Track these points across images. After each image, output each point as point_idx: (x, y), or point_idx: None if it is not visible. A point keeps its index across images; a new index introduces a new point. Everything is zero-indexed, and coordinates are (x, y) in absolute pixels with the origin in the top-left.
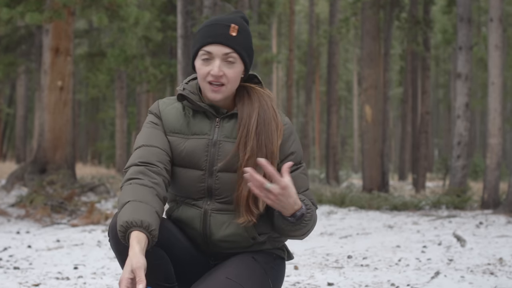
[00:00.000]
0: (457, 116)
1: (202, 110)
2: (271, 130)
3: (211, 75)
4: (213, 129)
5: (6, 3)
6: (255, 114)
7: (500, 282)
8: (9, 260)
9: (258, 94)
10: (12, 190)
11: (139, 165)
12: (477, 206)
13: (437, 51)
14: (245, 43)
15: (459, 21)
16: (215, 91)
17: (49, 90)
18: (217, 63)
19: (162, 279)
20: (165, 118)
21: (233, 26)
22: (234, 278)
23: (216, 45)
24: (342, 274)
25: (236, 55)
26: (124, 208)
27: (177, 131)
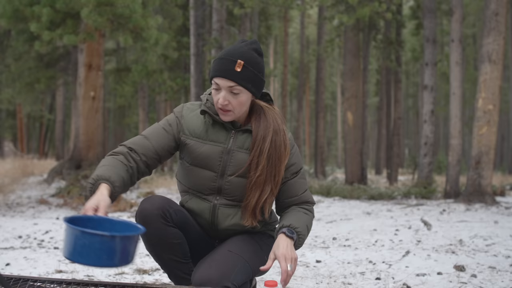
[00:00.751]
0: (424, 121)
1: (221, 121)
2: (281, 152)
3: (219, 103)
4: (229, 139)
5: (48, 27)
6: (269, 137)
7: (460, 259)
8: (50, 241)
9: (272, 115)
10: (53, 183)
11: (127, 147)
12: (441, 196)
13: (407, 67)
14: (250, 75)
15: (426, 42)
16: (224, 115)
17: (83, 99)
18: (222, 94)
19: (181, 256)
20: (187, 122)
21: (239, 62)
22: (234, 250)
23: (222, 78)
24: (328, 253)
25: (241, 87)
26: (99, 168)
27: (196, 135)
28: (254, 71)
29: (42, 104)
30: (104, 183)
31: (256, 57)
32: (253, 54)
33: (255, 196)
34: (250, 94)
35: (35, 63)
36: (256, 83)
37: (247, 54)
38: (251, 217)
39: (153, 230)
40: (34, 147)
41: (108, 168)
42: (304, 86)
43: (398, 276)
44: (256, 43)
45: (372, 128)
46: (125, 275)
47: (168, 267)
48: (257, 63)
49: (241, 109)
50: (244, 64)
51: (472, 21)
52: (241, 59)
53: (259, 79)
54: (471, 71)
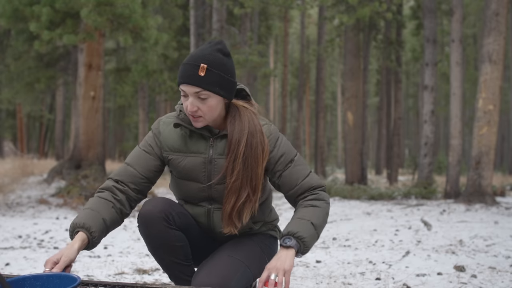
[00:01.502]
0: (424, 121)
1: (198, 131)
2: (257, 154)
3: (188, 110)
4: (208, 148)
5: (47, 27)
6: (244, 140)
7: (460, 259)
8: (50, 241)
9: (248, 115)
10: (52, 183)
11: (113, 180)
12: (441, 196)
13: (407, 67)
14: (216, 78)
15: (426, 42)
16: (195, 121)
17: (83, 99)
18: (190, 100)
19: (183, 258)
20: (164, 138)
21: (202, 65)
22: (235, 255)
23: (186, 85)
24: (328, 253)
25: (207, 92)
26: (80, 212)
27: (176, 150)
28: (220, 73)
29: (42, 104)
30: (80, 231)
31: (221, 58)
32: (217, 55)
33: (230, 202)
34: (219, 97)
35: (35, 63)
36: (223, 85)
37: (210, 57)
38: (229, 224)
39: (155, 233)
40: (34, 147)
41: (87, 213)
42: (304, 86)
43: (398, 277)
44: (221, 43)
45: (372, 128)
46: (125, 275)
47: (169, 269)
48: (223, 64)
49: (212, 114)
50: (208, 68)
51: (473, 21)
52: (204, 62)
53: (226, 80)
54: (471, 71)
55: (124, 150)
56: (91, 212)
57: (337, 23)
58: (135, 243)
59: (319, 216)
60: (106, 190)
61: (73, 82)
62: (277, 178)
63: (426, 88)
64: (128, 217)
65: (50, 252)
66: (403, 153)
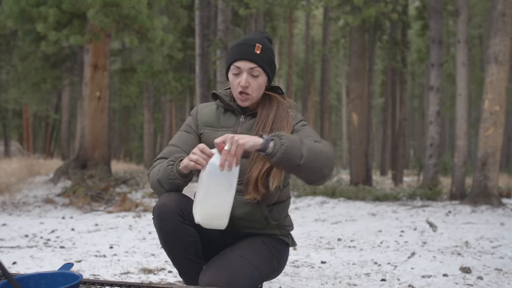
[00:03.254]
0: (430, 122)
1: (231, 109)
2: (283, 126)
3: (240, 86)
4: (238, 124)
5: (54, 27)
6: (272, 114)
7: (466, 261)
8: (56, 240)
9: (278, 100)
10: (58, 182)
11: (163, 158)
12: (446, 198)
13: (412, 68)
14: (267, 59)
15: (432, 43)
16: (243, 100)
17: (89, 99)
18: (244, 76)
19: (193, 255)
20: (200, 115)
21: (258, 45)
22: (245, 256)
23: (243, 61)
24: (333, 254)
25: (260, 69)
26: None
27: (209, 124)
28: (270, 55)
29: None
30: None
31: (269, 44)
32: (266, 41)
33: (258, 167)
34: (266, 78)
35: (42, 63)
36: (271, 66)
37: (262, 40)
38: (254, 190)
39: (169, 227)
40: (40, 146)
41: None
42: (309, 87)
43: (403, 278)
44: (266, 33)
45: (377, 129)
46: (131, 275)
47: (179, 265)
48: (271, 48)
49: (258, 93)
50: (262, 48)
51: (479, 22)
52: (259, 43)
53: (273, 63)
54: (477, 72)
55: (129, 150)
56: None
57: (342, 24)
58: (140, 242)
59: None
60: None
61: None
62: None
63: (431, 89)
64: (134, 217)
65: (57, 251)
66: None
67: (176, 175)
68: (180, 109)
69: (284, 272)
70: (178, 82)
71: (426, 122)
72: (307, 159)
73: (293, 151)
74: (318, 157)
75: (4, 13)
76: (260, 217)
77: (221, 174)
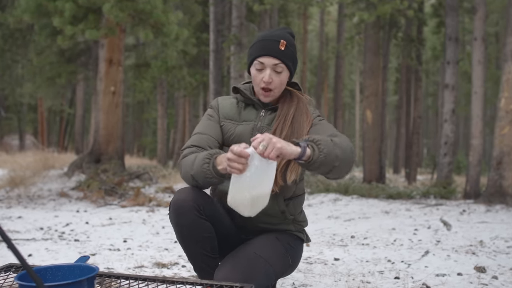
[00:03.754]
0: (445, 120)
1: (252, 103)
2: (302, 121)
3: (263, 82)
4: (259, 118)
5: (70, 22)
6: (293, 109)
7: (480, 260)
8: (71, 234)
9: (298, 97)
10: (73, 176)
11: (191, 147)
12: (460, 197)
13: (427, 65)
14: (291, 55)
15: (448, 40)
16: (265, 96)
17: (104, 94)
18: (267, 72)
19: (209, 250)
20: (221, 107)
21: (282, 41)
22: (261, 253)
23: (267, 57)
24: (346, 251)
25: (284, 65)
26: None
27: (230, 118)
28: (293, 51)
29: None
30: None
31: (293, 39)
32: (290, 36)
33: None
34: (289, 74)
35: (57, 58)
36: (294, 62)
37: (286, 36)
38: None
39: (186, 221)
40: (54, 140)
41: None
42: (323, 84)
43: (417, 276)
44: (289, 28)
45: (390, 127)
46: (144, 269)
47: (195, 260)
48: (294, 45)
49: (280, 89)
50: (287, 44)
51: (495, 19)
52: (283, 39)
53: (296, 59)
54: (493, 70)
55: (143, 145)
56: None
57: (357, 21)
58: (154, 237)
59: (341, 143)
60: (192, 153)
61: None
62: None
63: (446, 87)
64: (147, 212)
65: (71, 244)
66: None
67: (213, 174)
68: (193, 104)
69: (297, 269)
70: (192, 78)
71: (440, 121)
72: (341, 160)
73: (331, 156)
74: (348, 155)
75: (21, 7)
76: (277, 211)
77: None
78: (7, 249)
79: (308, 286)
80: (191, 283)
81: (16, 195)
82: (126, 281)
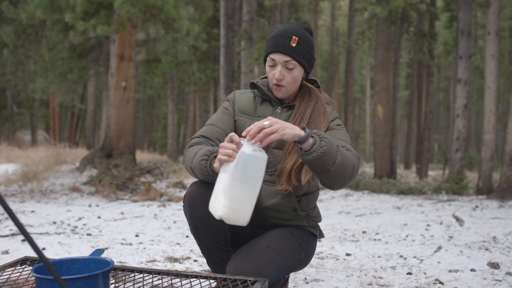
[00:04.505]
0: (457, 115)
1: (268, 99)
2: (320, 121)
3: (275, 78)
4: (274, 114)
5: (82, 17)
6: (310, 108)
7: (494, 256)
8: (83, 228)
9: (317, 95)
10: (84, 171)
11: (200, 137)
12: (473, 192)
13: (438, 60)
14: (304, 51)
15: (460, 34)
16: (277, 90)
17: (115, 89)
18: (278, 68)
19: (223, 243)
20: (237, 101)
21: (294, 38)
22: (273, 247)
23: (278, 54)
24: (358, 247)
25: (295, 62)
26: (197, 153)
27: (245, 112)
28: (307, 47)
29: (74, 94)
30: None
31: (308, 35)
32: (305, 32)
33: (292, 159)
34: (303, 70)
35: (68, 54)
36: (308, 59)
37: (300, 32)
38: (287, 181)
39: (199, 214)
40: (66, 136)
41: (203, 149)
42: (333, 79)
43: (430, 272)
44: (306, 23)
45: (401, 122)
46: (157, 263)
47: (208, 252)
48: (309, 40)
49: (294, 85)
50: (299, 40)
51: (509, 13)
52: (295, 35)
53: (311, 55)
54: (506, 65)
55: (153, 141)
56: (206, 147)
57: (368, 15)
58: (165, 231)
59: (346, 153)
60: (199, 144)
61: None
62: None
63: (459, 82)
64: (158, 206)
65: (84, 238)
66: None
67: (209, 172)
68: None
69: (309, 264)
70: (202, 73)
71: (452, 116)
72: (338, 167)
73: (329, 156)
74: (347, 167)
75: (33, 3)
76: (289, 208)
77: (248, 166)
78: (22, 243)
79: (320, 281)
80: (204, 277)
81: (29, 190)
82: (140, 274)
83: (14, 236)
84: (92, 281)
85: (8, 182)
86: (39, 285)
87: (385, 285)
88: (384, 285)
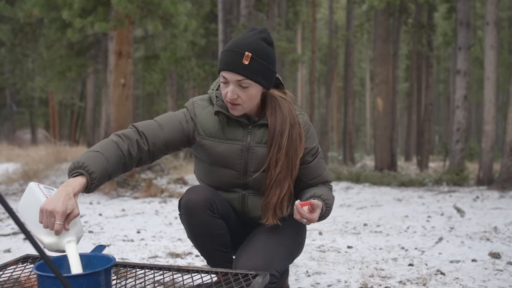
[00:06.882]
0: (457, 107)
1: (236, 118)
2: (297, 146)
3: (228, 98)
4: (246, 136)
5: (79, 14)
6: (287, 132)
7: (495, 246)
8: (84, 225)
9: (287, 106)
10: None
11: (138, 132)
12: (473, 183)
13: (438, 52)
14: (259, 68)
15: (459, 25)
16: (233, 109)
17: (114, 86)
18: (231, 87)
19: (223, 246)
20: (200, 121)
21: (247, 54)
22: (273, 237)
23: (229, 72)
24: (359, 239)
25: (249, 81)
26: (89, 152)
27: (212, 135)
28: (263, 62)
29: (73, 92)
30: (82, 174)
31: (265, 47)
32: (262, 44)
33: (275, 194)
34: (260, 87)
35: (66, 51)
36: (266, 75)
37: (254, 45)
38: (273, 216)
39: (199, 222)
40: (66, 134)
41: (96, 156)
42: (333, 72)
43: (431, 263)
44: (265, 31)
45: (401, 115)
46: (159, 259)
47: (208, 256)
48: (267, 53)
49: (251, 103)
50: (252, 56)
51: (508, 3)
52: (249, 50)
53: (269, 70)
54: (505, 55)
55: None
56: (101, 157)
57: (367, 7)
58: (167, 227)
59: (333, 202)
60: (127, 140)
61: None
62: (303, 167)
63: (458, 73)
64: (159, 203)
65: (85, 235)
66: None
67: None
68: None
69: (310, 257)
70: (201, 69)
71: (452, 107)
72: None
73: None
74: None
75: (30, 1)
76: None
77: None
78: (23, 241)
79: (322, 274)
80: (206, 272)
81: None
82: (142, 270)
83: (16, 234)
84: (94, 278)
85: (8, 181)
86: (41, 282)
87: (386, 277)
88: (385, 277)
